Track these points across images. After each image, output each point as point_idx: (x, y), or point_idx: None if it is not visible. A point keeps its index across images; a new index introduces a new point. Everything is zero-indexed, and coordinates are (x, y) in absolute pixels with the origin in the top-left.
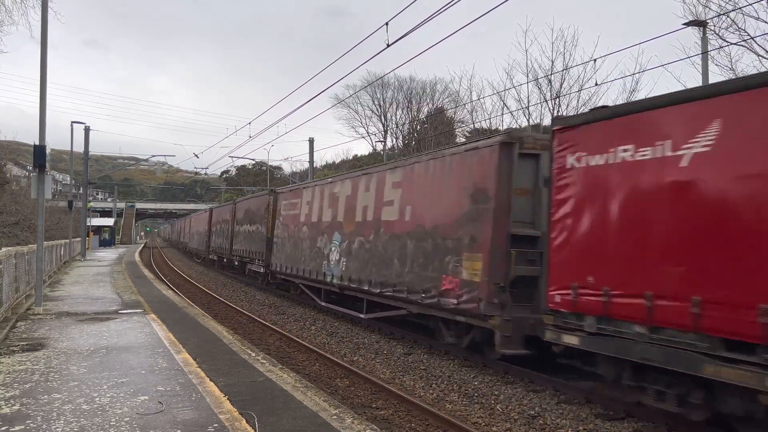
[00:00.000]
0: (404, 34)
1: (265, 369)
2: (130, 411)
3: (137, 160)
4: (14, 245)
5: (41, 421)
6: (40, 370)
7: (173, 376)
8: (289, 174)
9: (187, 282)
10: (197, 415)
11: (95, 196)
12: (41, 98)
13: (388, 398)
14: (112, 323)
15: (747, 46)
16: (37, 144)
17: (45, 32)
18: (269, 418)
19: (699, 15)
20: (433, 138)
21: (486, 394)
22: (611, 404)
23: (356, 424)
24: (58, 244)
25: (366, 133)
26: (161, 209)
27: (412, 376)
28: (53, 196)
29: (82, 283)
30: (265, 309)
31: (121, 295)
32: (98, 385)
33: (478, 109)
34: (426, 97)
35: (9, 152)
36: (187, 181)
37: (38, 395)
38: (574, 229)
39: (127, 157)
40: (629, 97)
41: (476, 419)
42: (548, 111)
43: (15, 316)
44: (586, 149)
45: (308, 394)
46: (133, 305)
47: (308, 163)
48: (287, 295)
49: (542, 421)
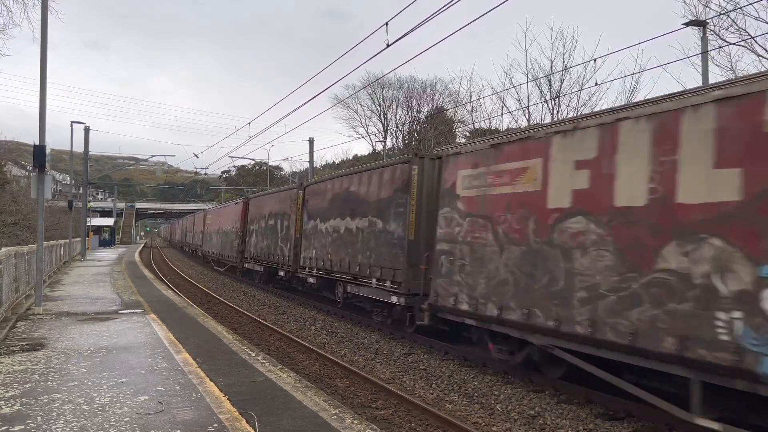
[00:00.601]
0: (404, 34)
1: (265, 369)
2: (130, 411)
3: (137, 160)
4: (14, 245)
5: (41, 421)
6: (40, 370)
7: (173, 376)
8: (289, 174)
9: (186, 282)
10: (197, 415)
11: (95, 196)
12: (41, 98)
13: (388, 398)
14: (112, 323)
15: (747, 46)
16: (37, 144)
17: (45, 32)
18: (269, 418)
19: (699, 15)
20: (433, 138)
21: (486, 394)
22: (611, 404)
23: (356, 424)
24: (58, 244)
25: (366, 133)
26: (161, 209)
27: (412, 376)
28: (53, 196)
29: (82, 283)
30: (265, 309)
31: (121, 295)
32: (98, 385)
33: (477, 109)
34: (426, 96)
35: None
36: (187, 181)
37: (38, 395)
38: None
39: (127, 157)
40: (629, 98)
41: (476, 419)
42: (548, 111)
43: (15, 316)
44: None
45: (308, 394)
46: (133, 305)
47: (308, 163)
48: (287, 295)
49: (542, 421)
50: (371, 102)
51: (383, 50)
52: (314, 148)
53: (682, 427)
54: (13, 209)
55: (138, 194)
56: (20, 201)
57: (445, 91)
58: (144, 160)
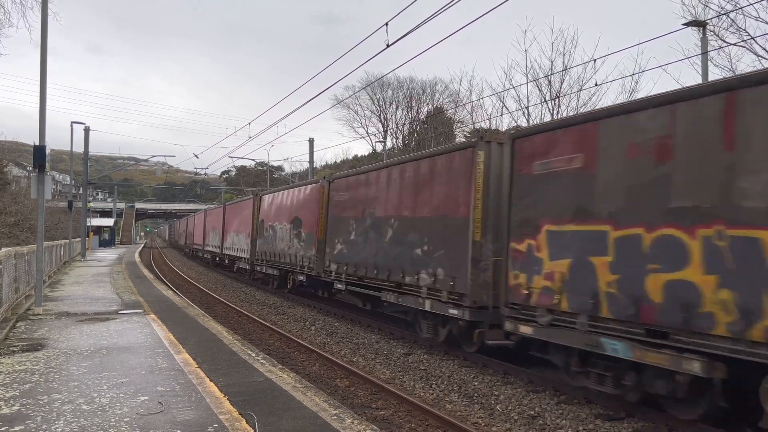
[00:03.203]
0: (404, 34)
1: (265, 369)
2: (130, 411)
3: (137, 161)
4: (14, 245)
5: (41, 422)
6: (40, 370)
7: (173, 376)
8: (289, 174)
9: (186, 282)
10: (197, 416)
11: (95, 196)
12: (41, 98)
13: (388, 398)
14: (112, 323)
15: (747, 47)
16: (37, 144)
17: (45, 32)
18: (269, 419)
19: (698, 15)
20: (433, 138)
21: (486, 395)
22: (611, 404)
23: (356, 425)
24: (58, 244)
25: (366, 133)
26: (161, 209)
27: (411, 376)
28: (53, 197)
29: (82, 283)
30: (266, 309)
31: (121, 295)
32: (98, 385)
33: (477, 109)
34: (426, 97)
35: (9, 152)
36: (186, 181)
37: (38, 395)
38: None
39: (126, 158)
40: (629, 98)
41: (476, 419)
42: (548, 111)
43: (15, 317)
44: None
45: (308, 395)
46: (133, 305)
47: (308, 163)
48: (287, 295)
49: (542, 421)
50: (371, 102)
51: (383, 50)
52: (314, 149)
53: (682, 427)
54: (13, 210)
55: (138, 194)
56: (20, 201)
57: (445, 91)
58: (144, 161)
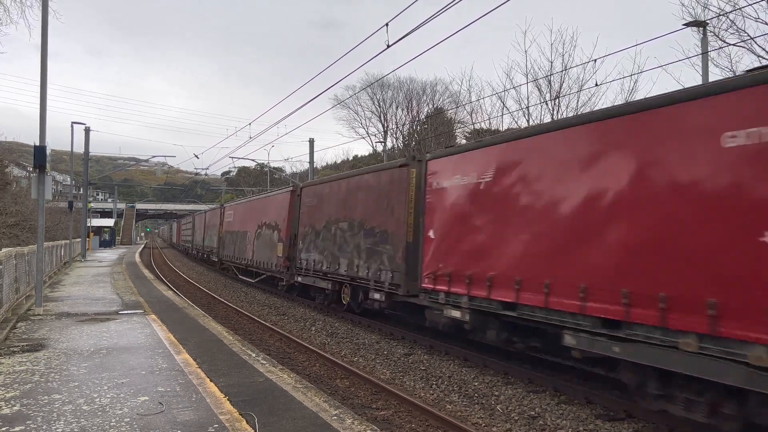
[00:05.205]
0: (405, 34)
1: (265, 369)
2: (131, 411)
3: (137, 161)
4: (15, 246)
5: (41, 422)
6: (41, 370)
7: (173, 376)
8: (289, 174)
9: (187, 283)
10: (197, 416)
11: (95, 196)
12: (41, 98)
13: (389, 399)
14: (112, 324)
15: (747, 47)
16: (38, 144)
17: (45, 32)
18: (269, 419)
19: (698, 16)
20: (433, 138)
21: (486, 395)
22: (611, 404)
23: (356, 425)
24: (59, 244)
25: (366, 133)
26: (161, 210)
27: (412, 376)
28: (53, 197)
29: (82, 283)
30: (266, 310)
31: (122, 295)
32: (98, 385)
33: (477, 109)
34: (426, 97)
35: (10, 153)
36: (187, 181)
37: (38, 396)
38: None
39: (127, 158)
40: (628, 98)
41: (476, 420)
42: (548, 111)
43: (15, 317)
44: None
45: (308, 395)
46: (134, 306)
47: (308, 163)
48: (287, 296)
49: (542, 421)
50: (371, 103)
51: (384, 51)
52: (314, 149)
53: (682, 427)
54: (13, 210)
55: (138, 195)
56: (21, 201)
57: (445, 92)
58: (144, 161)
